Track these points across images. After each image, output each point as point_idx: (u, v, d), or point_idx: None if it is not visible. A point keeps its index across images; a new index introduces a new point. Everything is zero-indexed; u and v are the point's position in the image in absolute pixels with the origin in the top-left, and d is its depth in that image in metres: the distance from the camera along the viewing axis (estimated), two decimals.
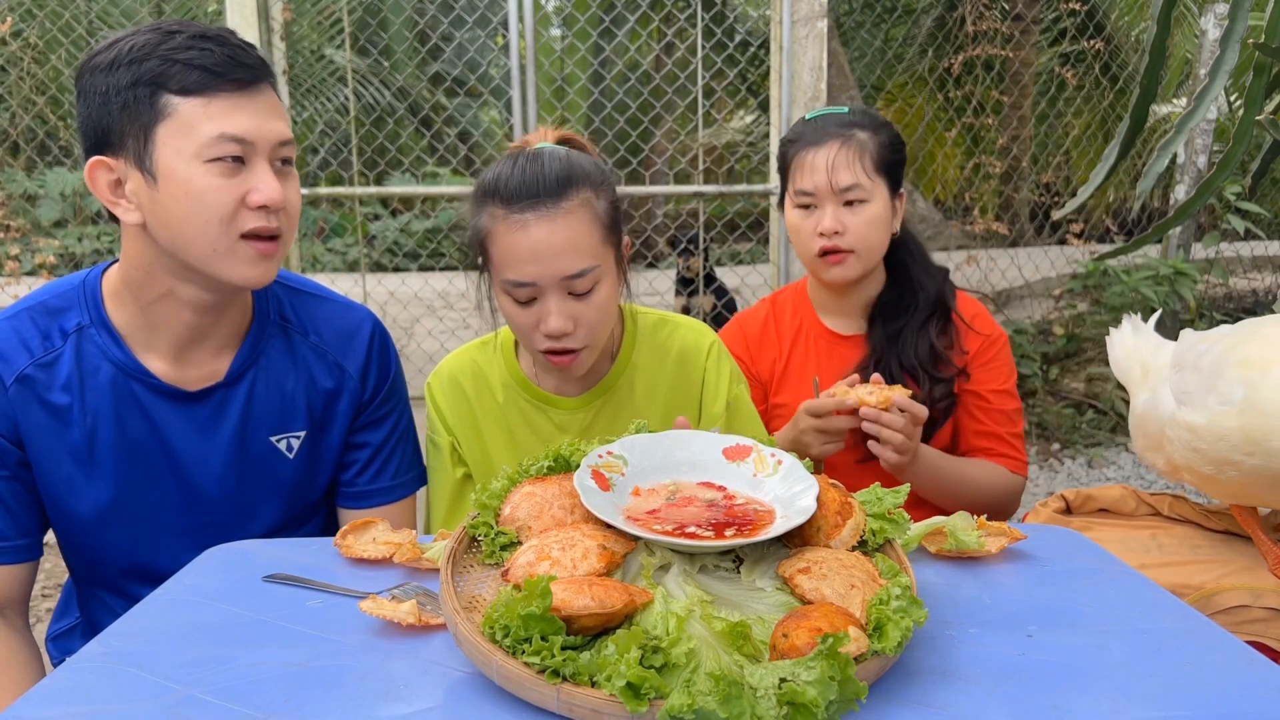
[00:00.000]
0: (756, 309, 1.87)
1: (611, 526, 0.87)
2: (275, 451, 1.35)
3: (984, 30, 4.76)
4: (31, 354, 1.23)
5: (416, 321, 4.45)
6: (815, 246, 1.64)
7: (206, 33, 1.15)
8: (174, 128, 1.13)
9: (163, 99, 1.12)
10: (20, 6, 5.12)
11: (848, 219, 1.61)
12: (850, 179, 1.60)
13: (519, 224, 1.26)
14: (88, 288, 1.27)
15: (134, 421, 1.27)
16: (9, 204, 5.27)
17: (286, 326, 1.36)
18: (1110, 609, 0.93)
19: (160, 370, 1.27)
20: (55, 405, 1.24)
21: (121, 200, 1.18)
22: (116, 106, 1.13)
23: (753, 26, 7.73)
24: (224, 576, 1.04)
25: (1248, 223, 4.28)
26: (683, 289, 5.05)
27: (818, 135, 1.64)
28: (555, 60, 8.68)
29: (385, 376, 1.43)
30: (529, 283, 1.27)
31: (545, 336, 1.30)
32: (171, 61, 1.12)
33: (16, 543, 1.26)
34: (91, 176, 1.18)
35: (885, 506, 0.97)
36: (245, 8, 3.32)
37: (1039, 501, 1.59)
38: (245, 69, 1.15)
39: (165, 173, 1.14)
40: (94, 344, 1.25)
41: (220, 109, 1.14)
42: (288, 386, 1.34)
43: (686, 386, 1.49)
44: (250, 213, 1.17)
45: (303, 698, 0.77)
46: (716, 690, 0.67)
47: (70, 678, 0.82)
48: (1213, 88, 1.88)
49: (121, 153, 1.15)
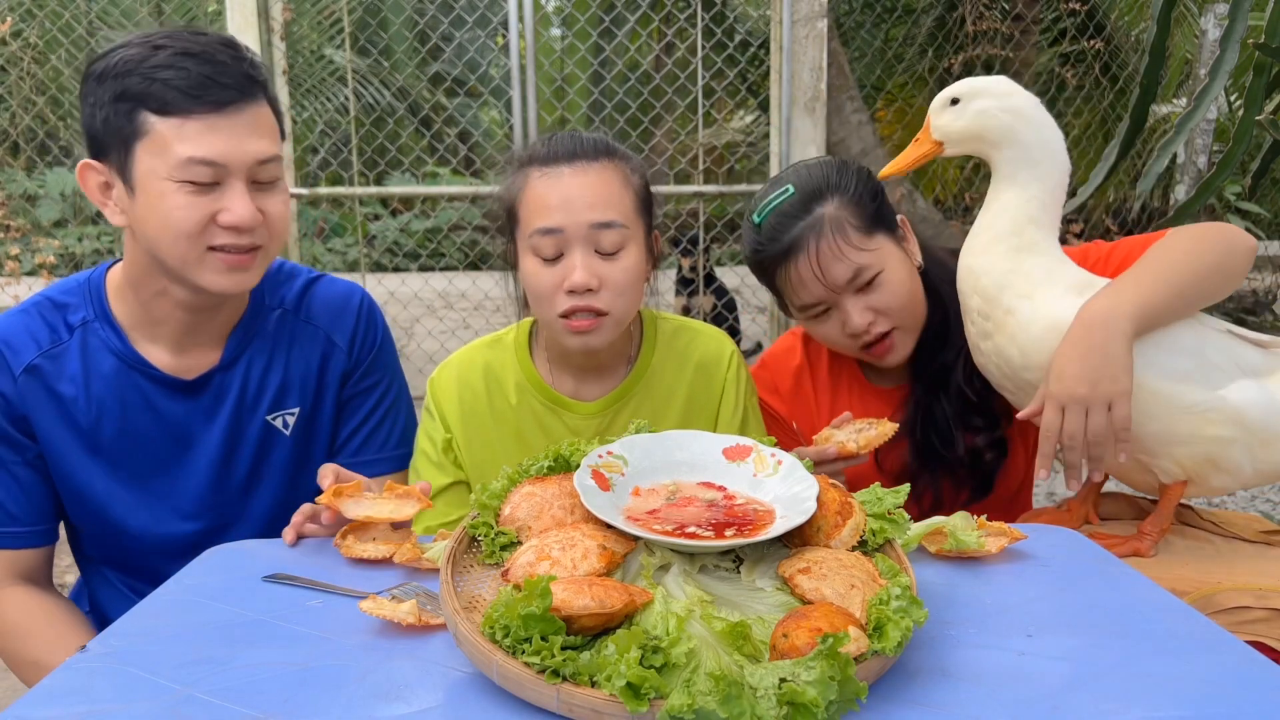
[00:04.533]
0: (786, 352, 1.64)
1: (611, 526, 0.87)
2: (273, 430, 1.39)
3: (984, 30, 4.76)
4: (39, 346, 1.29)
5: (416, 321, 4.45)
6: (856, 346, 1.45)
7: (190, 49, 1.16)
8: (150, 145, 1.16)
9: (141, 116, 1.15)
10: (20, 6, 5.12)
11: (876, 301, 1.41)
12: (850, 270, 1.38)
13: (553, 174, 1.30)
14: (92, 284, 1.33)
15: (137, 410, 1.32)
16: (9, 204, 5.27)
17: (280, 308, 1.41)
18: (1110, 609, 0.93)
19: (161, 361, 1.33)
20: (62, 395, 1.29)
21: (109, 203, 1.23)
22: (102, 118, 1.17)
23: (753, 26, 7.72)
24: (224, 576, 1.04)
25: (1248, 223, 4.29)
26: (683, 289, 5.05)
27: (783, 243, 1.41)
28: (555, 60, 8.67)
29: (371, 343, 1.47)
30: (557, 228, 1.27)
31: (569, 294, 1.28)
32: (151, 80, 1.14)
33: (38, 528, 1.33)
34: (82, 177, 1.23)
35: (885, 506, 0.98)
36: (245, 8, 3.33)
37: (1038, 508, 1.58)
38: (223, 89, 1.16)
39: (141, 186, 1.18)
40: (98, 337, 1.31)
41: (194, 130, 1.15)
42: (280, 365, 1.39)
43: (706, 396, 1.47)
44: (221, 230, 1.20)
45: (303, 698, 0.77)
46: (716, 690, 0.67)
47: (70, 678, 0.82)
48: (1213, 88, 1.88)
49: (107, 160, 1.20)
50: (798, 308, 1.48)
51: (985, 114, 1.25)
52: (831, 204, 1.41)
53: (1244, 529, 1.37)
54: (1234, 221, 4.24)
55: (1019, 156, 1.26)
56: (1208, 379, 1.21)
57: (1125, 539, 1.29)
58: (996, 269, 1.26)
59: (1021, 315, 1.24)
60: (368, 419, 1.47)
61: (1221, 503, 3.49)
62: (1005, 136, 1.25)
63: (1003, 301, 1.25)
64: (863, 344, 1.44)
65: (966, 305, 1.32)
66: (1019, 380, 1.27)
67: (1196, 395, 1.20)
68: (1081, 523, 1.39)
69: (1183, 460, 1.23)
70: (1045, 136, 1.26)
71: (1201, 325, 1.26)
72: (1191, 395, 1.19)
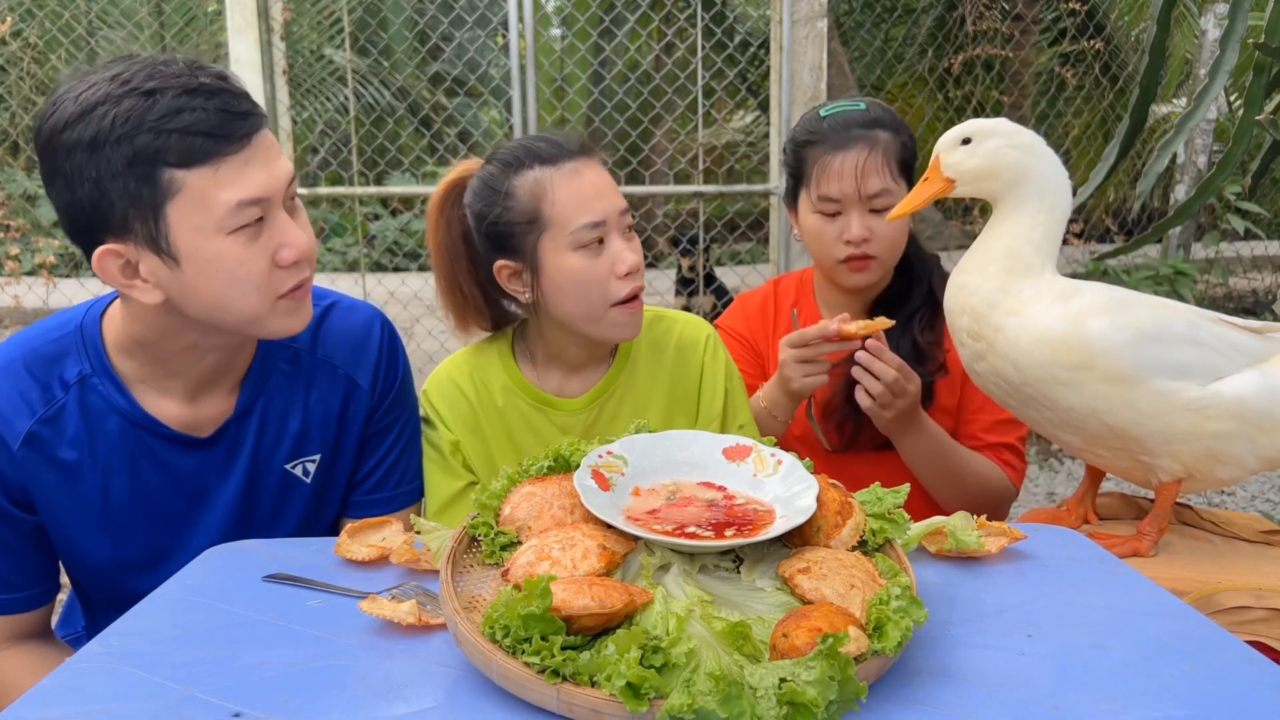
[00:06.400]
0: (759, 290, 1.85)
1: (611, 526, 0.87)
2: (292, 478, 1.31)
3: (984, 30, 4.76)
4: (33, 411, 1.17)
5: (416, 321, 4.45)
6: (840, 253, 1.59)
7: (188, 85, 1.03)
8: (186, 204, 1.04)
9: (165, 175, 1.02)
10: (20, 6, 5.12)
11: (875, 225, 1.56)
12: (879, 185, 1.55)
13: (572, 171, 1.33)
14: (86, 333, 1.20)
15: (148, 471, 1.22)
16: (9, 204, 5.28)
17: (293, 346, 1.30)
18: (1110, 609, 0.93)
19: (170, 416, 1.22)
20: (65, 462, 1.18)
21: (137, 282, 1.09)
22: (115, 191, 1.02)
23: (753, 26, 7.72)
24: (224, 576, 1.04)
25: (1248, 223, 4.29)
26: (683, 289, 5.05)
27: (840, 138, 1.57)
28: (555, 60, 8.67)
29: (393, 379, 1.38)
30: (600, 221, 1.32)
31: (625, 277, 1.34)
32: (165, 133, 1.01)
33: (35, 591, 1.26)
34: (101, 266, 1.07)
35: (885, 506, 0.98)
36: (245, 8, 3.32)
37: (1035, 507, 1.58)
38: (242, 120, 1.06)
39: (188, 253, 1.06)
40: (98, 394, 1.19)
41: (230, 174, 1.04)
42: (298, 410, 1.30)
43: (685, 379, 1.49)
44: (283, 272, 1.12)
45: (303, 698, 0.77)
46: (716, 690, 0.67)
47: (70, 678, 0.82)
48: (1213, 88, 1.88)
49: (128, 236, 1.05)
50: (818, 196, 1.59)
51: (998, 153, 1.26)
52: (887, 134, 1.58)
53: (1244, 529, 1.37)
54: (1234, 221, 4.23)
55: (1027, 192, 1.27)
56: (1205, 366, 1.21)
57: (1125, 539, 1.29)
58: (986, 288, 1.26)
59: (1010, 332, 1.24)
60: (387, 455, 1.39)
61: (1221, 502, 3.49)
62: (1018, 174, 1.26)
63: (992, 320, 1.25)
64: (848, 255, 1.58)
65: (955, 325, 1.32)
66: (1021, 396, 1.27)
67: (1194, 391, 1.19)
68: (1080, 523, 1.39)
69: (1184, 457, 1.23)
70: (1054, 172, 1.27)
71: (1192, 313, 1.25)
72: (1189, 391, 1.19)
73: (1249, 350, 1.23)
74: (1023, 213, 1.26)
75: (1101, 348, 1.18)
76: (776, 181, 3.62)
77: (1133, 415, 1.19)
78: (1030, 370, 1.23)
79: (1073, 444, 1.29)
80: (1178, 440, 1.21)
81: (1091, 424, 1.22)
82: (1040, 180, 1.27)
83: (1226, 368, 1.21)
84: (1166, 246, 4.65)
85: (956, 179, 1.29)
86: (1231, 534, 1.37)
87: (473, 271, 1.45)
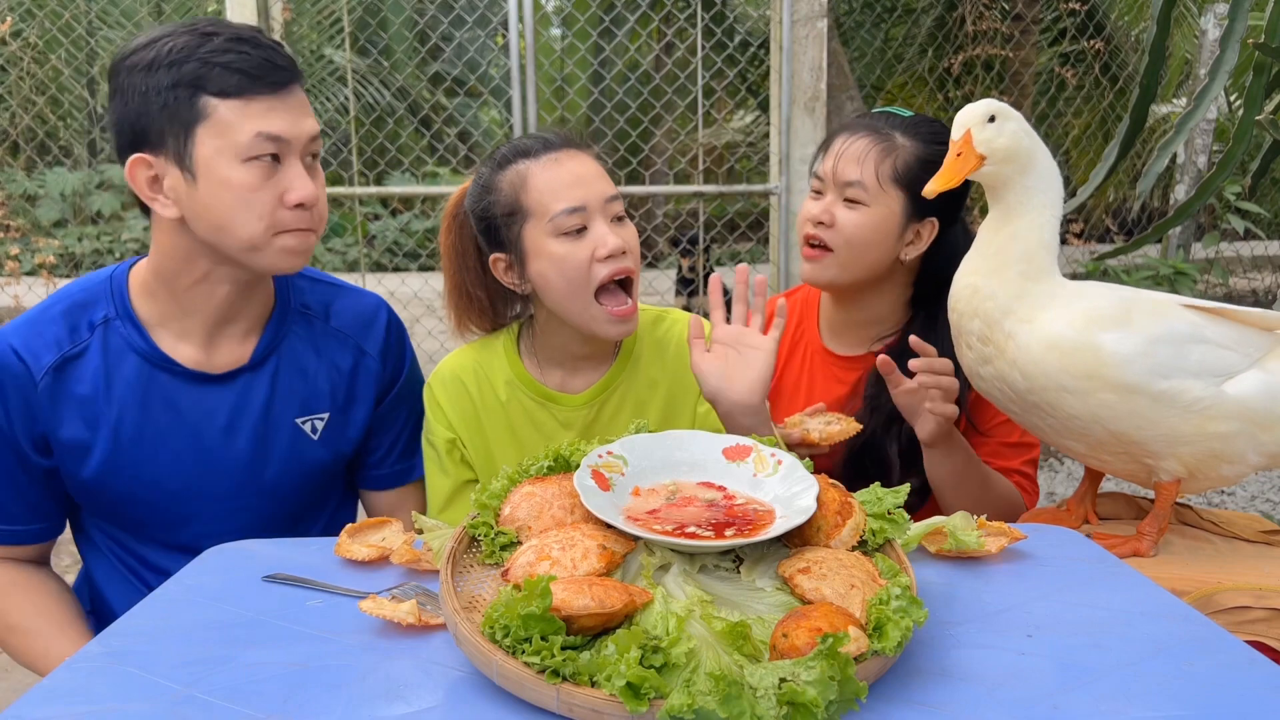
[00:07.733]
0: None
1: (611, 526, 0.87)
2: (301, 433, 1.39)
3: (984, 30, 4.76)
4: (60, 349, 1.28)
5: (416, 321, 4.45)
6: (803, 232, 1.57)
7: (241, 34, 1.19)
8: (213, 129, 1.17)
9: (202, 100, 1.17)
10: (20, 6, 5.12)
11: (840, 214, 1.51)
12: (854, 175, 1.50)
13: (553, 160, 1.35)
14: (115, 282, 1.33)
15: (159, 410, 1.31)
16: (9, 204, 5.28)
17: (307, 313, 1.41)
18: (1110, 609, 0.93)
19: (187, 356, 1.32)
20: (82, 395, 1.28)
21: (159, 196, 1.22)
22: (157, 106, 1.17)
23: (753, 26, 7.72)
24: (224, 576, 1.04)
25: (1248, 223, 4.29)
26: (683, 289, 5.05)
27: (859, 125, 1.56)
28: (555, 60, 8.67)
29: (403, 361, 1.49)
30: (579, 206, 1.33)
31: (605, 260, 1.33)
32: (211, 65, 1.16)
33: (36, 527, 1.35)
34: (132, 173, 1.21)
35: (885, 506, 0.98)
36: (245, 8, 3.32)
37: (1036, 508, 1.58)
38: (280, 71, 1.20)
39: (205, 171, 1.18)
40: (119, 335, 1.30)
41: (257, 110, 1.18)
42: (310, 369, 1.39)
43: (685, 377, 1.49)
44: (287, 213, 1.22)
45: (303, 698, 0.77)
46: (716, 690, 0.67)
47: (70, 678, 0.82)
48: (1213, 88, 1.88)
49: (161, 150, 1.19)
50: (811, 173, 1.61)
51: (1018, 135, 1.25)
52: (907, 140, 1.53)
53: (1244, 529, 1.37)
54: (1234, 221, 4.23)
55: (1033, 184, 1.26)
56: (1211, 364, 1.20)
57: (1125, 539, 1.29)
58: (1003, 293, 1.24)
59: (1021, 339, 1.23)
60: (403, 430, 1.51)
61: (1221, 502, 3.49)
62: (1028, 161, 1.25)
63: (1004, 326, 1.24)
64: (806, 234, 1.56)
65: (962, 328, 1.30)
66: (1025, 403, 1.26)
67: (1197, 393, 1.19)
68: (1080, 523, 1.39)
69: (1187, 458, 1.23)
70: (1052, 166, 1.28)
71: (1193, 311, 1.25)
72: (1192, 392, 1.19)
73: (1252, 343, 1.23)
74: (1031, 208, 1.25)
75: (1112, 358, 1.18)
76: (776, 181, 3.62)
77: (1137, 421, 1.19)
78: (1038, 378, 1.22)
79: (1074, 450, 1.29)
80: (1181, 442, 1.21)
81: (1095, 430, 1.22)
82: (1044, 171, 1.26)
83: (1232, 361, 1.21)
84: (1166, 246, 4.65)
85: (988, 155, 1.27)
86: (1231, 534, 1.37)
87: (479, 274, 1.48)
